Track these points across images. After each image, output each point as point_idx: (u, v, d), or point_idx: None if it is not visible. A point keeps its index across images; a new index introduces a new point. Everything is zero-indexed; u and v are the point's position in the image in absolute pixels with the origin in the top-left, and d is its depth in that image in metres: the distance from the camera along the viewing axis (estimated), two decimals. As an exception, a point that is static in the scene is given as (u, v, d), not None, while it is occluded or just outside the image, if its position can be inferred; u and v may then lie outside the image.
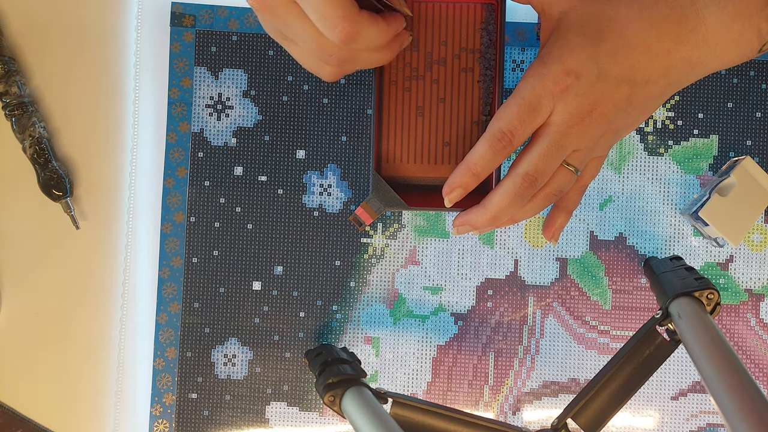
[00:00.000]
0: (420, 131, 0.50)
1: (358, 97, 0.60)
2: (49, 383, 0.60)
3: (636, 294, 0.60)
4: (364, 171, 0.60)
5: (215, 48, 0.60)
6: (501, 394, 0.60)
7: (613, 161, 0.60)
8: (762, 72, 0.59)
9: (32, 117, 0.59)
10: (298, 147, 0.60)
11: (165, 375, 0.60)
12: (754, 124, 0.59)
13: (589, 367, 0.60)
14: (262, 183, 0.60)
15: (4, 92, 0.58)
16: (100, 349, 0.60)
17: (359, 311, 0.60)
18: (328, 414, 0.60)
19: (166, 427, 0.60)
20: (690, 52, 0.44)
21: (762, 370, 0.59)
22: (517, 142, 0.44)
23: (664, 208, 0.60)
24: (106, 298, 0.60)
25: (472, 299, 0.60)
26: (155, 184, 0.60)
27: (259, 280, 0.60)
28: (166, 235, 0.60)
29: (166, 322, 0.60)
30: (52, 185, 0.59)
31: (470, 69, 0.50)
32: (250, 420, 0.60)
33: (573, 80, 0.43)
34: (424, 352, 0.60)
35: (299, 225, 0.60)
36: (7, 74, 0.58)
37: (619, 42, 0.43)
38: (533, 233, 0.60)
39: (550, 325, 0.60)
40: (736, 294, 0.59)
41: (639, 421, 0.59)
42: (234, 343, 0.60)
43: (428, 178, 0.50)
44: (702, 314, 0.47)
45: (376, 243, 0.60)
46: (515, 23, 0.60)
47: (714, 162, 0.60)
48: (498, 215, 0.45)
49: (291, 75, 0.60)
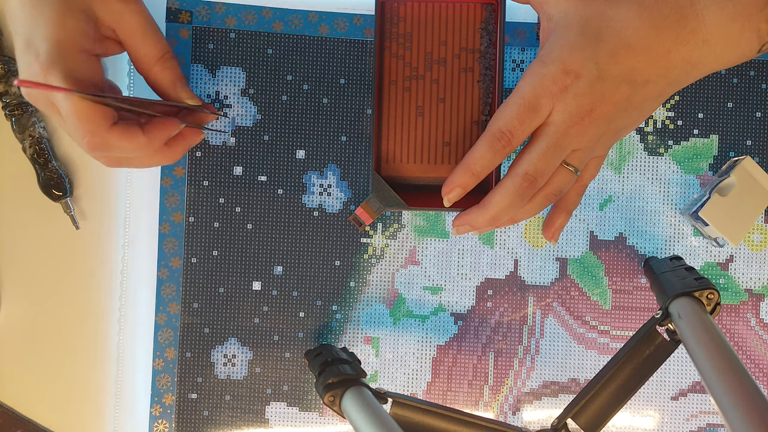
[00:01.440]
0: (420, 131, 0.50)
1: (358, 97, 0.60)
2: (49, 383, 0.60)
3: (636, 294, 0.60)
4: (364, 171, 0.60)
5: (212, 45, 0.60)
6: (501, 394, 0.60)
7: (613, 161, 0.60)
8: (762, 72, 0.59)
9: (32, 117, 0.59)
10: (298, 147, 0.60)
11: (165, 375, 0.60)
12: (754, 124, 0.59)
13: (589, 367, 0.60)
14: (262, 183, 0.60)
15: (4, 92, 0.58)
16: (99, 349, 0.60)
17: (359, 311, 0.60)
18: (328, 414, 0.60)
19: (166, 427, 0.60)
20: (690, 52, 0.44)
21: (762, 370, 0.59)
22: (516, 141, 0.44)
23: (664, 208, 0.60)
24: (105, 298, 0.60)
25: (472, 299, 0.60)
26: (155, 184, 0.60)
27: (258, 280, 0.60)
28: (164, 235, 0.60)
29: (166, 322, 0.60)
30: (52, 185, 0.59)
31: (470, 69, 0.50)
32: (250, 420, 0.60)
33: (572, 80, 0.43)
34: (423, 352, 0.60)
35: (299, 225, 0.60)
36: (7, 74, 0.58)
37: (619, 42, 0.43)
38: (533, 233, 0.60)
39: (550, 325, 0.60)
40: (736, 294, 0.59)
41: (639, 421, 0.59)
42: (234, 343, 0.60)
43: (428, 178, 0.50)
44: (702, 314, 0.47)
45: (376, 243, 0.60)
46: (515, 23, 0.60)
47: (714, 162, 0.60)
48: (497, 215, 0.45)
49: (290, 74, 0.60)
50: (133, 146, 0.46)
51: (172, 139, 0.50)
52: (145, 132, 0.47)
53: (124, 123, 0.46)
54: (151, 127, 0.47)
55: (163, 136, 0.48)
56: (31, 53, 0.45)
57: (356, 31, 0.60)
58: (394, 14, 0.50)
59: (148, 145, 0.47)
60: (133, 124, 0.47)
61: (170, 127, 0.48)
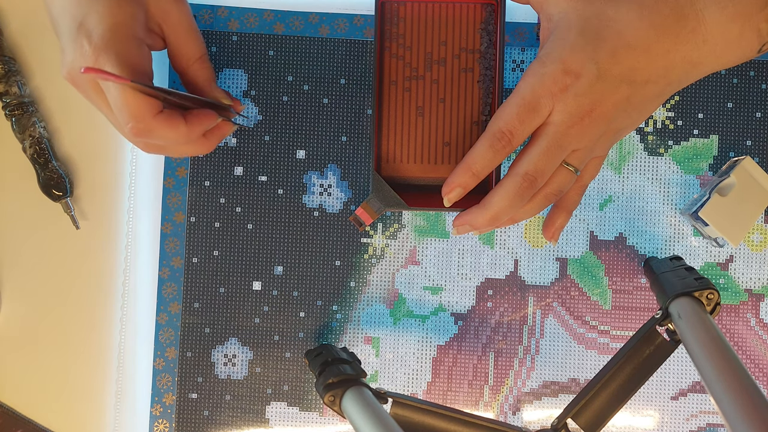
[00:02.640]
0: (420, 131, 0.50)
1: (358, 97, 0.60)
2: (49, 383, 0.60)
3: (636, 294, 0.60)
4: (364, 171, 0.60)
5: (215, 48, 0.60)
6: (501, 394, 0.60)
7: (613, 161, 0.60)
8: (762, 72, 0.59)
9: (32, 117, 0.59)
10: (298, 147, 0.60)
11: (165, 375, 0.60)
12: (754, 124, 0.59)
13: (589, 367, 0.60)
14: (263, 183, 0.60)
15: (4, 92, 0.59)
16: (100, 349, 0.60)
17: (359, 311, 0.60)
18: (328, 414, 0.60)
19: (166, 427, 0.60)
20: (690, 52, 0.44)
21: (762, 370, 0.59)
22: (516, 141, 0.44)
23: (664, 208, 0.60)
24: (106, 298, 0.60)
25: (472, 299, 0.60)
26: (155, 184, 0.60)
27: (259, 280, 0.60)
28: (166, 235, 0.60)
29: (167, 322, 0.60)
30: (52, 185, 0.59)
31: (470, 69, 0.50)
32: (250, 420, 0.60)
33: (572, 80, 0.43)
34: (424, 352, 0.60)
35: (299, 225, 0.60)
36: (7, 74, 0.58)
37: (619, 42, 0.43)
38: (533, 233, 0.60)
39: (550, 325, 0.60)
40: (736, 294, 0.59)
41: (639, 421, 0.59)
42: (234, 343, 0.60)
43: (428, 178, 0.50)
44: (702, 314, 0.47)
45: (376, 243, 0.60)
46: (515, 23, 0.60)
47: (714, 162, 0.60)
48: (497, 215, 0.45)
49: (291, 75, 0.60)
50: (175, 135, 0.47)
51: (209, 131, 0.51)
52: (187, 122, 0.47)
53: (168, 111, 0.46)
54: (193, 118, 0.48)
55: (202, 127, 0.49)
56: (83, 35, 0.45)
57: (356, 32, 0.60)
58: (394, 14, 0.50)
59: (188, 135, 0.47)
60: (176, 114, 0.47)
61: (209, 119, 0.49)
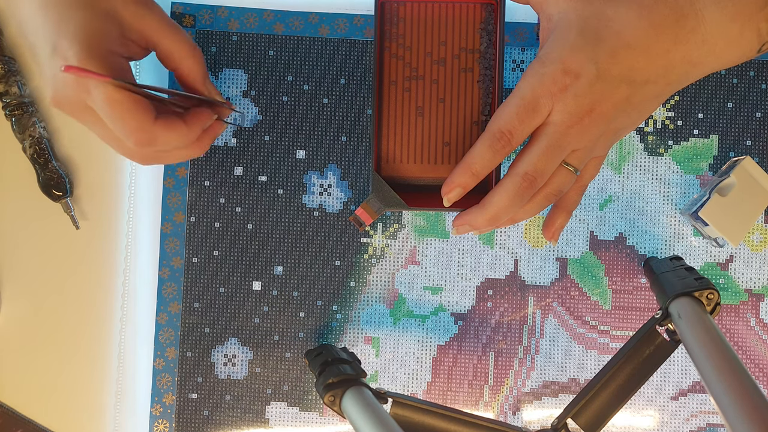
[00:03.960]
0: (420, 131, 0.50)
1: (358, 97, 0.60)
2: (49, 383, 0.60)
3: (636, 294, 0.60)
4: (364, 171, 0.60)
5: (215, 48, 0.60)
6: (501, 394, 0.60)
7: (613, 161, 0.60)
8: (762, 72, 0.59)
9: (32, 117, 0.59)
10: (298, 147, 0.60)
11: (165, 375, 0.60)
12: (754, 124, 0.59)
13: (589, 367, 0.60)
14: (262, 183, 0.60)
15: (4, 92, 0.59)
16: (100, 349, 0.60)
17: (359, 311, 0.60)
18: (328, 414, 0.60)
19: (166, 427, 0.60)
20: (689, 52, 0.44)
21: (762, 370, 0.59)
22: (516, 141, 0.44)
23: (664, 208, 0.60)
24: (106, 298, 0.60)
25: (472, 299, 0.60)
26: (155, 184, 0.60)
27: (259, 280, 0.60)
28: (166, 235, 0.60)
29: (166, 322, 0.60)
30: (52, 185, 0.59)
31: (470, 69, 0.50)
32: (250, 420, 0.60)
33: (572, 80, 0.43)
34: (424, 352, 0.60)
35: (299, 225, 0.60)
36: (7, 74, 0.58)
37: (618, 42, 0.43)
38: (533, 233, 0.60)
39: (550, 325, 0.60)
40: (736, 294, 0.59)
41: (639, 421, 0.59)
42: (234, 343, 0.60)
43: (428, 178, 0.50)
44: (702, 314, 0.47)
45: (376, 243, 0.60)
46: (515, 23, 0.60)
47: (714, 162, 0.60)
48: (497, 215, 0.45)
49: (291, 75, 0.60)
50: (178, 137, 0.46)
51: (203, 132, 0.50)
52: (186, 123, 0.47)
53: (165, 115, 0.46)
54: (191, 118, 0.47)
55: (200, 126, 0.48)
56: (59, 57, 0.44)
57: (356, 32, 0.60)
58: (393, 14, 0.50)
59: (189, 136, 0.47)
60: (173, 116, 0.46)
61: (207, 117, 0.49)
